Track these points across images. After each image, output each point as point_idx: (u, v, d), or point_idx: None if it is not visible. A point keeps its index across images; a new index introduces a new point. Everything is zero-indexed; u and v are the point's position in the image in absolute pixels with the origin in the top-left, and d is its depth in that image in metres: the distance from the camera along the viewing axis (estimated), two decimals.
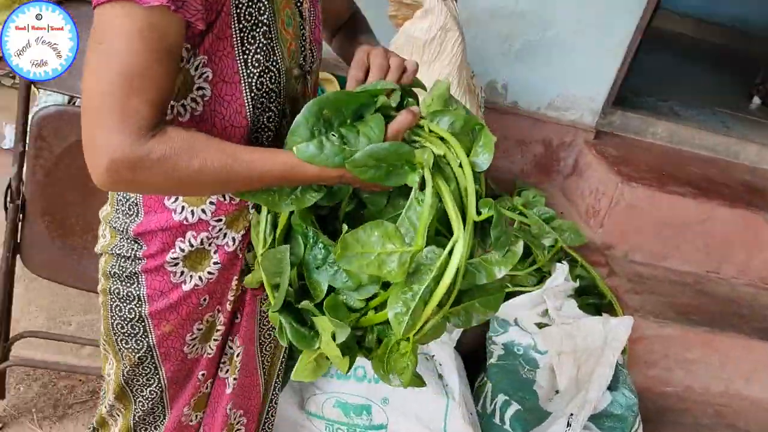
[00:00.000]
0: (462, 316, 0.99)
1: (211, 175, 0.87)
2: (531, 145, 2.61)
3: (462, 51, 1.98)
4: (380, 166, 0.90)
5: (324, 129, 0.91)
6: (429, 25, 1.94)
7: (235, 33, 0.93)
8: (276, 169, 0.90)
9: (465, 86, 2.03)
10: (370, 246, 0.91)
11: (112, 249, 1.10)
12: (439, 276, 0.90)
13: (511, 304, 2.02)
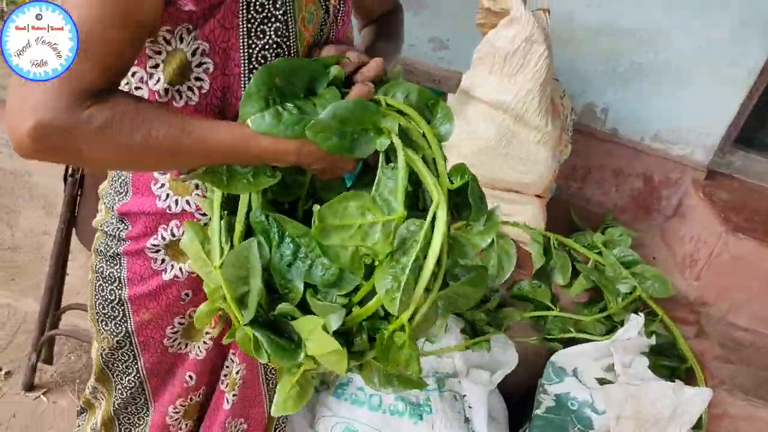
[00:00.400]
0: (451, 299, 0.93)
1: (156, 148, 0.80)
2: (629, 178, 2.35)
3: (547, 66, 1.80)
4: (344, 133, 0.86)
5: (278, 99, 0.86)
6: (513, 35, 1.78)
7: (242, 24, 0.88)
8: (228, 142, 0.83)
9: (548, 104, 1.84)
10: (349, 217, 0.87)
11: (102, 225, 1.09)
12: (425, 247, 0.84)
13: (572, 352, 1.80)
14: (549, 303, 1.85)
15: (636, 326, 1.79)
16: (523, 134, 1.87)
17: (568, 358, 1.80)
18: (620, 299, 1.82)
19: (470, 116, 1.90)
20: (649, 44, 2.16)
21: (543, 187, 1.95)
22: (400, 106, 0.91)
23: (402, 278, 0.83)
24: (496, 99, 1.83)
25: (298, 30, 0.94)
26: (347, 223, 0.86)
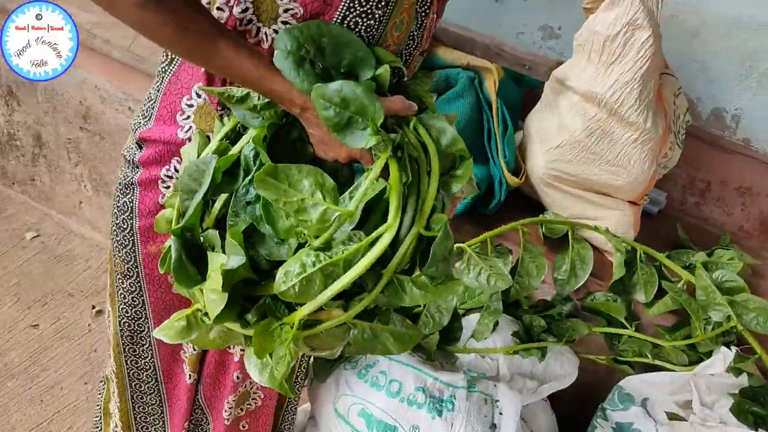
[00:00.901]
0: (366, 334, 0.93)
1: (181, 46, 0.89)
2: (759, 197, 2.03)
3: (651, 56, 1.60)
4: (342, 111, 0.87)
5: (314, 53, 0.89)
6: (614, 18, 1.61)
7: (342, 7, 0.92)
8: (246, 70, 0.89)
9: (650, 99, 1.64)
10: (298, 187, 0.88)
11: (124, 150, 1.13)
12: (351, 260, 0.85)
13: (646, 379, 1.59)
14: (623, 320, 1.64)
15: (722, 361, 1.54)
16: (618, 131, 1.68)
17: (639, 386, 1.59)
18: (710, 328, 1.58)
19: (562, 107, 1.75)
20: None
21: (637, 192, 1.74)
22: (425, 139, 0.91)
23: (309, 270, 0.84)
24: (588, 90, 1.67)
25: (386, 33, 0.97)
26: (293, 190, 0.87)
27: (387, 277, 0.89)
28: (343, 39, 0.91)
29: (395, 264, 0.89)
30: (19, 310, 2.14)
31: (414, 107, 0.93)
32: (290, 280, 0.85)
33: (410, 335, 0.97)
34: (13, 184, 2.61)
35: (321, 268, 0.85)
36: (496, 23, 2.18)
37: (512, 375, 1.52)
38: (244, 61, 0.89)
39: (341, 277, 0.86)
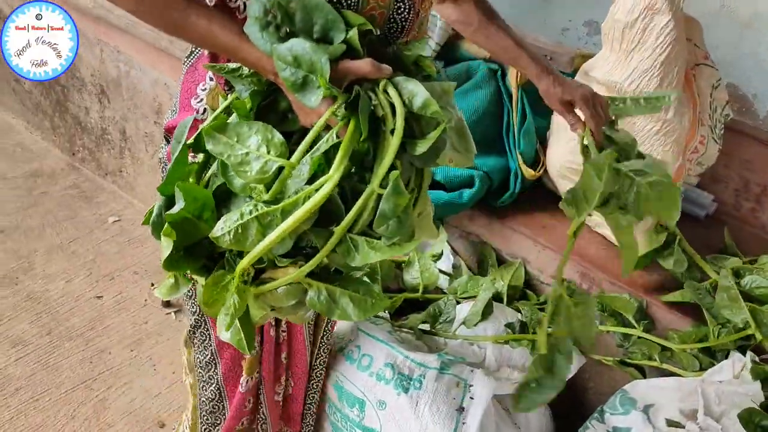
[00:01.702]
0: (323, 297, 0.92)
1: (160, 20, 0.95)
2: None
3: (672, 42, 1.52)
4: (297, 71, 0.88)
5: (280, 17, 0.91)
6: (632, 4, 1.55)
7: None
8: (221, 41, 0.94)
9: (673, 88, 1.55)
10: (245, 142, 0.90)
11: (160, 153, 1.22)
12: (290, 210, 0.86)
13: (653, 384, 1.49)
14: (631, 319, 1.55)
15: (732, 367, 1.40)
16: (639, 123, 1.60)
17: (646, 391, 1.48)
18: (725, 332, 1.45)
19: None
20: None
21: None
22: (394, 100, 0.89)
23: (245, 218, 0.86)
24: (608, 79, 1.61)
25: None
26: (239, 144, 0.90)
27: (338, 235, 0.88)
28: (311, 3, 0.91)
29: (348, 221, 0.88)
30: (89, 282, 2.37)
31: (385, 70, 0.91)
32: (227, 227, 0.87)
33: (373, 302, 0.93)
34: (105, 174, 2.91)
35: (258, 216, 0.87)
36: (542, 21, 2.15)
37: (500, 365, 1.48)
38: (217, 32, 0.93)
39: (278, 226, 0.86)
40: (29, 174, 2.90)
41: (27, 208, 2.69)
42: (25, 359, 2.05)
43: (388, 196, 0.86)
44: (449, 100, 0.96)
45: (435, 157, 0.92)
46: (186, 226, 0.91)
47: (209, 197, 0.93)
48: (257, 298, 0.94)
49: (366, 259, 0.88)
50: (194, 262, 0.95)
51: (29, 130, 3.18)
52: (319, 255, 0.89)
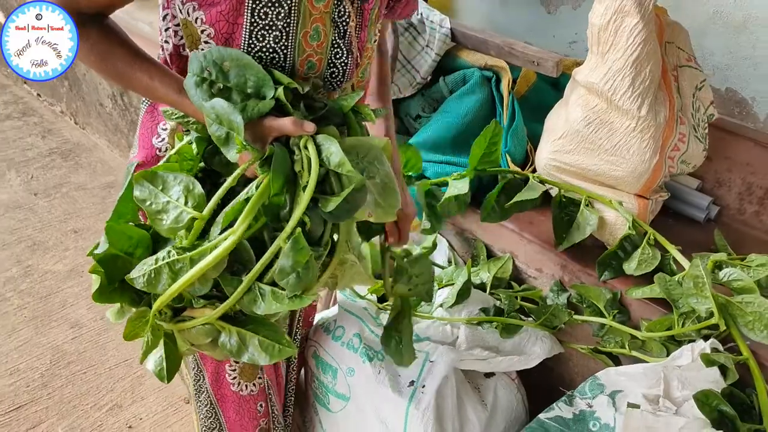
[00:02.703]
0: (233, 339, 0.96)
1: (108, 75, 1.03)
2: None
3: (642, 42, 1.59)
4: (221, 127, 0.93)
5: (215, 74, 0.96)
6: (605, 7, 1.64)
7: (246, 24, 1.00)
8: (162, 95, 1.03)
9: (646, 87, 1.62)
10: (168, 191, 0.96)
11: None
12: (198, 259, 0.92)
13: (623, 372, 1.53)
14: (603, 308, 1.60)
15: (692, 352, 1.43)
16: (617, 121, 1.67)
17: (615, 378, 1.52)
18: (688, 321, 1.47)
19: (572, 101, 1.78)
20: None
21: (641, 184, 1.69)
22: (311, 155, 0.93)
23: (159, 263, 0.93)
24: (588, 81, 1.70)
25: (298, 43, 1.04)
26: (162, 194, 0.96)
27: (246, 283, 0.92)
28: (242, 61, 0.96)
29: (254, 272, 0.91)
30: None
31: (307, 127, 0.95)
32: (141, 271, 0.93)
33: (280, 349, 0.95)
34: None
35: (169, 262, 0.91)
36: (550, 35, 2.25)
37: (471, 345, 1.57)
38: (158, 87, 1.00)
39: (187, 273, 0.91)
40: (105, 185, 3.27)
41: (99, 213, 3.04)
42: (79, 338, 2.33)
43: (287, 252, 0.90)
44: (376, 155, 0.98)
45: (349, 213, 0.94)
46: (116, 262, 0.97)
47: (144, 236, 0.99)
48: (179, 332, 1.00)
49: (269, 309, 0.91)
50: (126, 294, 1.01)
51: (110, 147, 3.57)
52: (228, 302, 0.93)
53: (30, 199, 3.10)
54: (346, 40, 1.10)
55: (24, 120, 3.81)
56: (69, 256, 2.74)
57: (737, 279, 1.52)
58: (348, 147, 0.95)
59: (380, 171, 0.97)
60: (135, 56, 1.02)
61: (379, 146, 0.99)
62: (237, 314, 0.99)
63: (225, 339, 0.97)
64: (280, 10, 1.00)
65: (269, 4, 0.99)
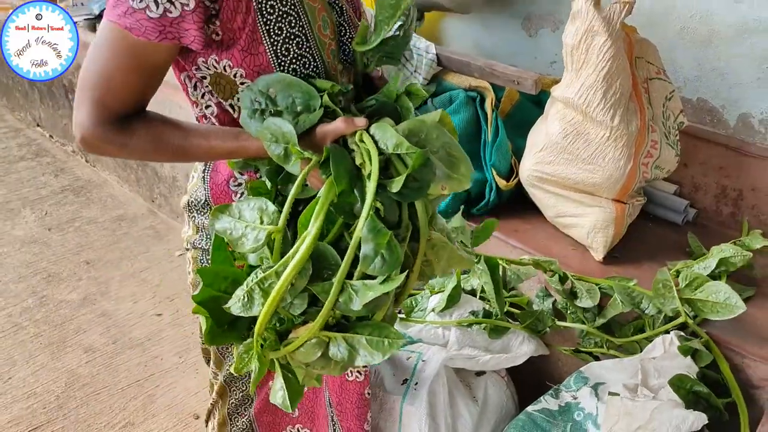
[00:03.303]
0: (342, 347, 0.94)
1: (167, 156, 1.08)
2: None
3: (611, 58, 1.71)
4: (278, 145, 0.96)
5: (263, 102, 1.00)
6: (576, 28, 1.77)
7: (268, 47, 1.04)
8: (222, 147, 1.05)
9: (617, 99, 1.73)
10: (244, 217, 0.98)
11: (194, 242, 1.31)
12: (283, 269, 0.92)
13: (604, 365, 1.62)
14: (581, 315, 1.69)
15: (663, 344, 1.52)
16: (592, 132, 1.79)
17: (598, 371, 1.61)
18: (657, 322, 1.57)
19: (550, 115, 1.90)
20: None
21: (617, 189, 1.80)
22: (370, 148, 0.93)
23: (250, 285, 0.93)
24: (564, 96, 1.82)
25: (317, 38, 1.08)
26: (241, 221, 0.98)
27: (337, 285, 0.90)
28: (285, 82, 0.99)
29: (342, 270, 0.90)
30: (153, 303, 2.76)
31: (359, 122, 0.96)
32: (236, 298, 0.93)
33: (390, 342, 0.94)
34: (177, 216, 3.36)
35: (258, 281, 0.91)
36: (532, 57, 2.38)
37: (462, 346, 1.66)
38: (217, 144, 1.03)
39: (277, 284, 0.90)
40: (115, 218, 3.40)
41: (110, 245, 3.16)
42: (92, 362, 2.42)
43: (366, 237, 0.89)
44: (432, 129, 0.95)
45: (420, 191, 0.93)
46: (219, 303, 0.98)
47: (238, 273, 0.99)
48: (292, 358, 0.99)
49: (364, 299, 0.89)
50: (235, 333, 1.02)
51: (120, 183, 3.71)
52: (325, 308, 0.91)
53: (44, 234, 3.23)
54: (345, 16, 1.15)
55: (37, 160, 3.97)
56: (82, 285, 2.85)
57: (695, 277, 1.60)
58: (404, 131, 0.94)
59: (441, 143, 0.95)
60: (184, 128, 1.05)
61: (434, 120, 0.97)
62: (340, 322, 0.97)
63: (334, 350, 0.94)
64: (291, 18, 1.04)
65: (279, 19, 1.03)
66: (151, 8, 0.93)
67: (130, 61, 0.97)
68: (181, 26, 0.96)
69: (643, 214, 2.01)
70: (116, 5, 0.94)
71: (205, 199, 1.24)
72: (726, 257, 1.68)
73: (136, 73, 0.99)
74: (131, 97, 1.01)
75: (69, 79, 3.71)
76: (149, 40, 0.94)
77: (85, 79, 0.99)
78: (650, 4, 2.01)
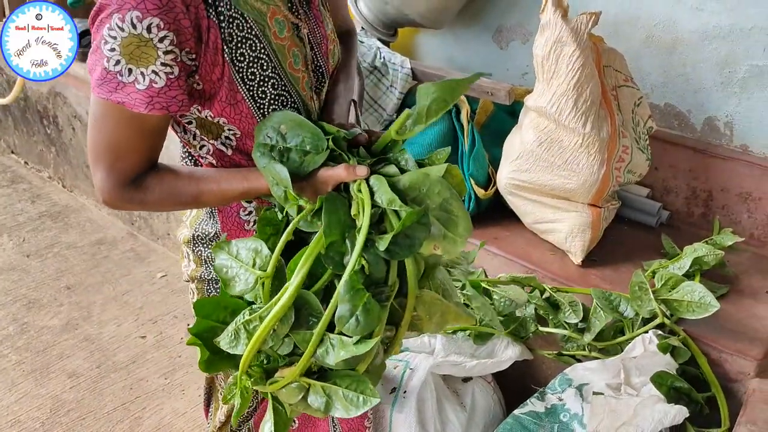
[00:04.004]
0: (320, 396, 0.96)
1: (184, 205, 1.12)
2: (762, 202, 1.96)
3: (580, 67, 1.77)
4: (278, 188, 0.98)
5: (277, 140, 1.01)
6: (545, 39, 1.82)
7: (245, 95, 1.06)
8: (236, 188, 1.08)
9: (588, 106, 1.79)
10: (240, 256, 1.01)
11: (200, 275, 1.30)
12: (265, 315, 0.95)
13: (588, 367, 1.66)
14: (563, 321, 1.73)
15: (642, 343, 1.56)
16: (566, 139, 1.84)
17: (582, 373, 1.65)
18: (636, 324, 1.61)
19: (525, 124, 1.95)
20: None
21: (592, 194, 1.85)
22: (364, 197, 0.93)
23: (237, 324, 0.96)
24: (537, 105, 1.87)
25: (290, 76, 1.10)
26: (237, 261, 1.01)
27: (317, 335, 0.91)
28: (296, 121, 1.02)
29: (323, 323, 0.91)
30: (136, 326, 2.75)
31: (359, 171, 0.95)
32: (226, 334, 0.97)
33: (364, 399, 0.94)
34: (157, 238, 3.35)
35: (244, 323, 0.95)
36: (504, 68, 2.44)
37: (448, 353, 1.69)
38: (227, 187, 1.07)
39: (257, 330, 0.93)
40: (95, 242, 3.38)
41: (90, 269, 3.14)
42: (77, 387, 2.40)
43: (343, 296, 0.88)
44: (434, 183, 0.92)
45: (410, 249, 0.91)
46: (216, 333, 1.01)
47: (239, 304, 1.02)
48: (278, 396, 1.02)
49: (337, 357, 0.90)
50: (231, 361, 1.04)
51: (98, 207, 3.69)
52: (304, 356, 0.93)
53: (23, 261, 3.20)
54: (314, 45, 1.17)
55: (13, 187, 3.93)
56: (63, 311, 2.83)
57: (669, 277, 1.65)
58: (404, 184, 0.93)
59: (442, 199, 0.91)
60: (195, 177, 1.09)
61: (438, 174, 0.93)
62: (321, 369, 0.98)
63: (312, 398, 0.96)
64: (262, 62, 1.05)
65: (251, 64, 1.04)
66: (139, 80, 0.95)
67: (132, 130, 1.01)
68: (168, 95, 0.98)
69: (619, 218, 2.06)
70: (103, 82, 0.96)
71: (215, 231, 1.26)
72: (699, 256, 1.73)
73: (139, 138, 1.03)
74: (140, 158, 1.06)
75: (43, 105, 3.70)
76: (140, 111, 0.98)
77: (93, 149, 1.04)
78: (615, 15, 2.08)
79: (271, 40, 1.07)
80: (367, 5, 2.38)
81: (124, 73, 0.95)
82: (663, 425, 1.36)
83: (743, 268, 1.89)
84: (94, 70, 0.96)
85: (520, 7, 2.34)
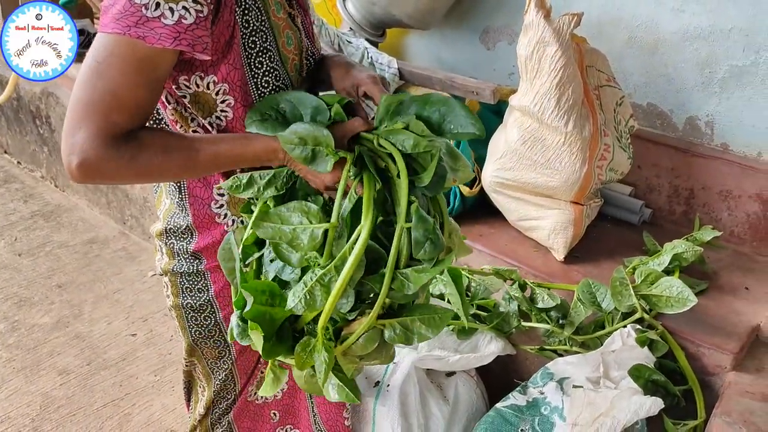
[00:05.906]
0: (398, 330, 1.02)
1: (174, 166, 1.03)
2: (741, 200, 1.99)
3: (563, 67, 1.80)
4: (305, 147, 1.00)
5: (274, 116, 1.06)
6: (528, 40, 1.85)
7: (245, 61, 1.08)
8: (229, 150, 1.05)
9: (570, 105, 1.82)
10: (289, 220, 1.02)
11: (172, 268, 1.30)
12: (341, 265, 0.97)
13: (569, 361, 1.68)
14: (545, 316, 1.75)
15: (620, 337, 1.59)
16: (549, 138, 1.86)
17: (563, 367, 1.67)
18: (616, 318, 1.64)
19: (509, 123, 1.98)
20: (749, 44, 1.89)
21: (575, 191, 1.88)
22: (389, 148, 1.00)
23: (309, 284, 0.97)
24: (520, 104, 1.90)
25: (282, 53, 1.14)
26: (285, 224, 1.02)
27: (389, 273, 0.96)
28: (296, 98, 1.07)
29: (392, 259, 0.96)
30: (126, 324, 2.77)
31: (372, 121, 1.03)
32: (296, 297, 0.97)
33: (440, 317, 1.02)
34: (149, 237, 3.37)
35: (318, 279, 0.96)
36: (491, 69, 2.47)
37: (431, 348, 1.71)
38: (226, 148, 1.04)
39: (337, 281, 0.95)
40: (87, 241, 3.40)
41: (82, 268, 3.16)
42: (67, 384, 2.42)
43: (415, 225, 0.96)
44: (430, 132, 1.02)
45: (442, 183, 1.02)
46: (265, 316, 1.02)
47: (273, 285, 1.04)
48: (345, 355, 1.05)
49: (419, 283, 0.97)
50: (284, 345, 1.05)
51: (90, 206, 3.71)
52: (382, 294, 0.98)
53: (15, 260, 3.21)
54: (305, 32, 1.21)
55: (6, 187, 3.95)
56: (55, 309, 2.85)
57: (649, 273, 1.68)
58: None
59: (442, 142, 1.04)
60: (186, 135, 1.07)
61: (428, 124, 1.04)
62: (388, 312, 1.04)
63: (391, 333, 1.01)
64: (262, 33, 1.08)
65: (253, 33, 1.07)
66: (166, 15, 0.93)
67: (138, 75, 0.95)
68: (195, 33, 0.96)
69: (602, 216, 2.09)
70: (122, 16, 0.92)
71: (187, 224, 1.25)
72: (678, 253, 1.76)
73: (144, 86, 0.97)
74: (138, 112, 0.98)
75: (36, 105, 3.72)
76: (164, 47, 0.93)
77: (84, 101, 0.93)
78: (598, 16, 2.12)
79: (269, 16, 1.11)
80: (354, 6, 2.41)
81: (151, 6, 0.91)
82: (638, 416, 1.39)
83: (723, 265, 1.92)
84: (114, 5, 0.92)
85: (506, 9, 2.37)
